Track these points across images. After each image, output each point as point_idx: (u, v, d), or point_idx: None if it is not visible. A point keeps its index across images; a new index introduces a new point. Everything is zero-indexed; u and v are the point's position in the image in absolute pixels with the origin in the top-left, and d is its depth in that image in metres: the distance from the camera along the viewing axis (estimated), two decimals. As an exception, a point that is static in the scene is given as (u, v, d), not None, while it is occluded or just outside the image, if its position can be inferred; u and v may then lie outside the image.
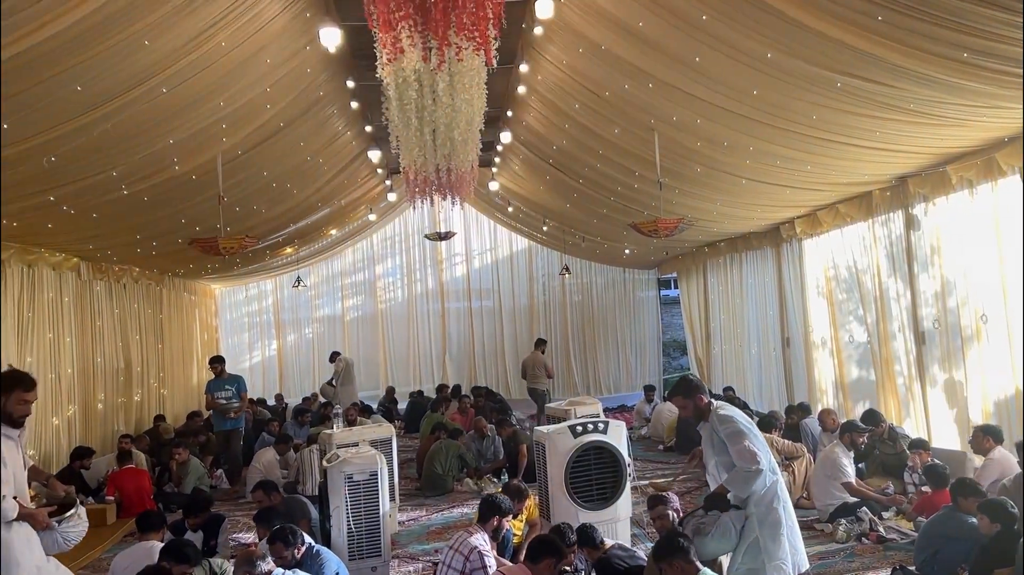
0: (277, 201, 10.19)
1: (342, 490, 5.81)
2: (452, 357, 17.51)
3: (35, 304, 8.79)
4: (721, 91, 6.30)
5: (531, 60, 7.94)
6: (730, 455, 4.13)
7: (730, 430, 4.15)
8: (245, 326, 17.46)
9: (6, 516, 3.61)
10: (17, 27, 4.13)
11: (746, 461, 4.05)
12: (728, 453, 4.15)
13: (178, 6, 4.92)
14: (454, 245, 17.14)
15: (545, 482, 6.19)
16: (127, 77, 5.28)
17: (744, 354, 12.53)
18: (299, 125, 8.33)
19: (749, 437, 4.12)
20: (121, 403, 10.97)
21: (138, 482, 8.22)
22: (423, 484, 9.11)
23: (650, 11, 5.67)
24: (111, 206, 7.50)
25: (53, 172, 6.04)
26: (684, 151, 7.85)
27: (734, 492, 4.12)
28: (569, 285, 17.42)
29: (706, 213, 10.00)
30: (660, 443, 11.31)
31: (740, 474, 4.07)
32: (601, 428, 6.12)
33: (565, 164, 10.33)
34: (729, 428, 4.16)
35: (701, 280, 14.34)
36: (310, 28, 6.51)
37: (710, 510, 4.18)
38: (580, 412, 7.95)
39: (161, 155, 6.79)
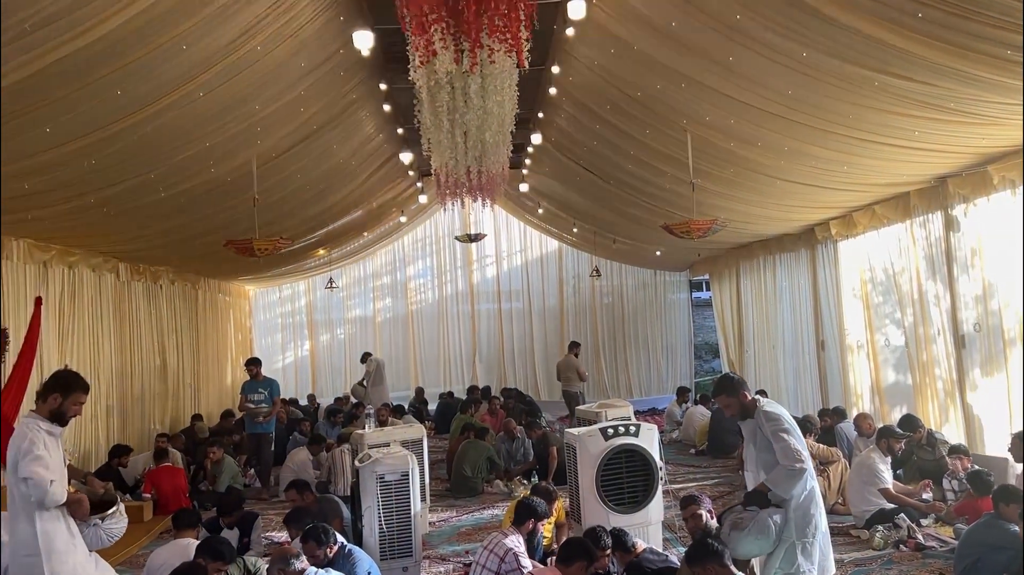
0: (310, 203, 10.30)
1: (374, 490, 5.84)
2: (482, 358, 17.55)
3: (75, 305, 8.99)
4: (755, 91, 6.22)
5: (562, 61, 7.93)
6: (773, 453, 4.08)
7: (776, 427, 4.10)
8: (278, 327, 17.67)
9: (56, 499, 3.71)
10: (59, 33, 4.23)
11: (790, 459, 4.00)
12: (771, 451, 4.10)
13: (215, 11, 5.00)
14: (484, 247, 17.18)
15: (576, 485, 6.18)
16: (166, 82, 5.38)
17: (778, 357, 12.37)
18: (332, 128, 8.41)
19: (795, 435, 4.08)
20: (157, 402, 11.17)
21: (174, 480, 8.35)
22: (453, 486, 9.14)
23: (683, 11, 5.62)
24: (149, 208, 7.64)
25: (94, 175, 6.18)
26: (717, 152, 7.77)
27: (776, 491, 4.06)
28: (599, 287, 17.35)
29: (739, 214, 9.89)
30: (692, 447, 11.21)
31: (783, 472, 4.02)
32: (632, 431, 6.09)
33: (596, 165, 10.30)
34: (776, 425, 4.11)
35: (734, 282, 14.19)
36: (344, 32, 6.56)
37: (749, 506, 4.14)
38: (611, 415, 7.93)
39: (198, 158, 6.90)
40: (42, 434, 3.77)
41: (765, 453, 4.17)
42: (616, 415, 7.87)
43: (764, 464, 4.19)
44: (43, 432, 3.79)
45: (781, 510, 4.09)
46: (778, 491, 4.07)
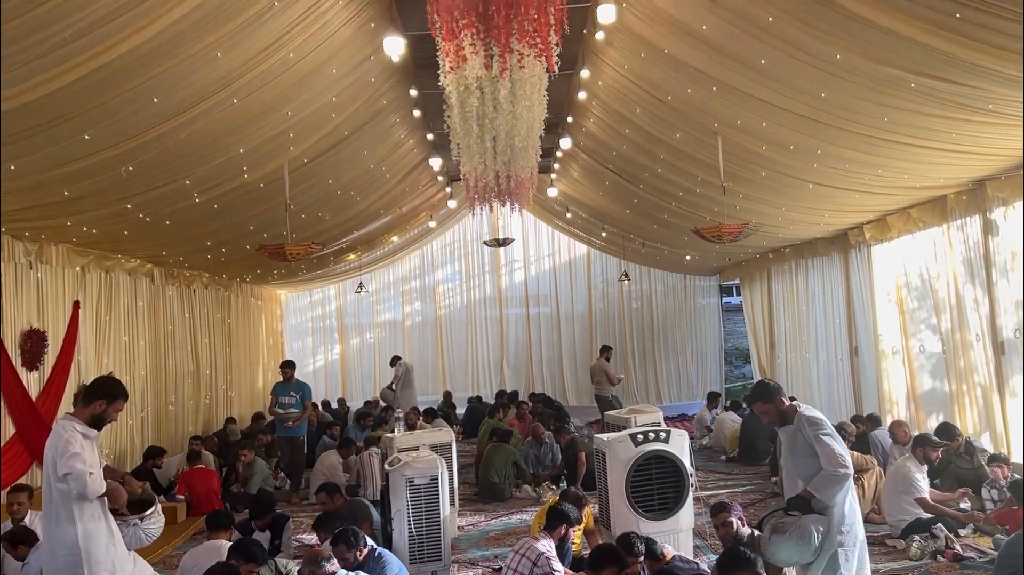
0: (341, 208, 10.39)
1: (403, 494, 5.86)
2: (510, 363, 17.55)
3: (112, 308, 9.16)
4: (787, 94, 6.16)
5: (592, 65, 7.92)
6: (814, 459, 4.02)
7: (819, 432, 4.04)
8: (309, 330, 17.83)
9: (96, 490, 3.80)
10: (98, 42, 4.33)
11: (834, 464, 3.95)
12: (812, 456, 4.04)
13: (249, 19, 5.07)
14: (512, 251, 17.19)
15: (605, 490, 6.14)
16: (200, 88, 5.47)
17: (810, 363, 12.20)
18: (363, 134, 8.48)
19: (837, 439, 4.03)
20: (191, 405, 11.32)
21: (207, 482, 8.45)
22: (481, 491, 9.12)
23: (714, 14, 5.59)
24: (183, 214, 7.77)
25: (131, 181, 6.30)
26: (748, 155, 7.71)
27: (820, 496, 4.00)
28: (628, 291, 17.27)
29: (771, 218, 9.79)
30: (722, 453, 11.10)
31: (827, 477, 3.96)
32: (663, 437, 6.04)
33: (625, 169, 10.26)
34: (818, 430, 4.05)
35: (765, 287, 14.04)
36: (374, 38, 6.62)
37: (791, 511, 4.08)
38: (640, 420, 7.87)
39: (231, 164, 7.00)
40: (78, 435, 3.85)
41: (806, 459, 4.11)
42: (646, 421, 7.81)
43: (805, 470, 4.12)
44: (78, 434, 3.87)
45: (823, 518, 4.03)
46: (821, 497, 4.01)
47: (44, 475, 3.91)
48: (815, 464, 4.04)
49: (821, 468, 4.01)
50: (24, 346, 7.46)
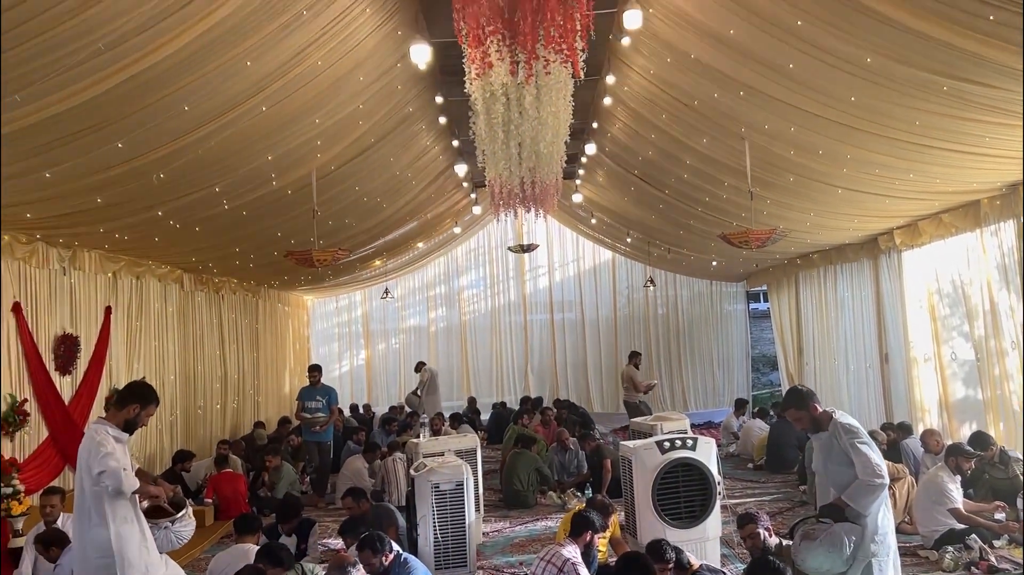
0: (368, 215, 10.46)
1: (429, 499, 5.88)
2: (534, 369, 17.52)
3: (143, 314, 9.30)
4: (816, 98, 6.10)
5: (618, 71, 7.90)
6: (850, 467, 3.96)
7: (856, 440, 3.99)
8: (335, 336, 17.95)
9: (132, 485, 3.88)
10: (131, 52, 4.40)
11: (869, 474, 3.88)
12: (847, 464, 3.98)
13: (278, 28, 5.13)
14: (537, 257, 17.18)
15: (631, 498, 6.10)
16: (230, 97, 5.54)
17: (839, 370, 12.04)
18: (389, 141, 8.53)
19: (874, 448, 3.97)
20: (219, 409, 11.45)
21: (235, 486, 8.54)
22: (505, 498, 9.10)
23: (742, 18, 5.55)
24: (213, 220, 7.87)
25: (162, 188, 6.39)
26: (776, 160, 7.64)
27: (855, 506, 3.94)
28: (654, 298, 17.17)
29: (799, 224, 9.68)
30: (749, 461, 10.98)
31: (863, 487, 3.90)
32: (689, 445, 6.00)
33: (651, 175, 10.22)
34: (854, 437, 4.00)
35: (793, 293, 13.88)
36: (401, 46, 6.67)
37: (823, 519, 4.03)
38: (667, 427, 7.83)
39: (260, 171, 7.08)
40: (110, 438, 3.92)
41: (841, 467, 4.04)
42: (672, 428, 7.77)
43: (839, 479, 4.06)
44: (111, 437, 3.93)
45: (855, 527, 3.96)
46: (856, 506, 3.95)
47: (77, 478, 3.98)
48: (850, 473, 3.98)
49: (856, 477, 3.95)
50: (57, 351, 7.60)
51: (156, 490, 4.03)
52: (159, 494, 4.04)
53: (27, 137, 4.78)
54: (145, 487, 3.98)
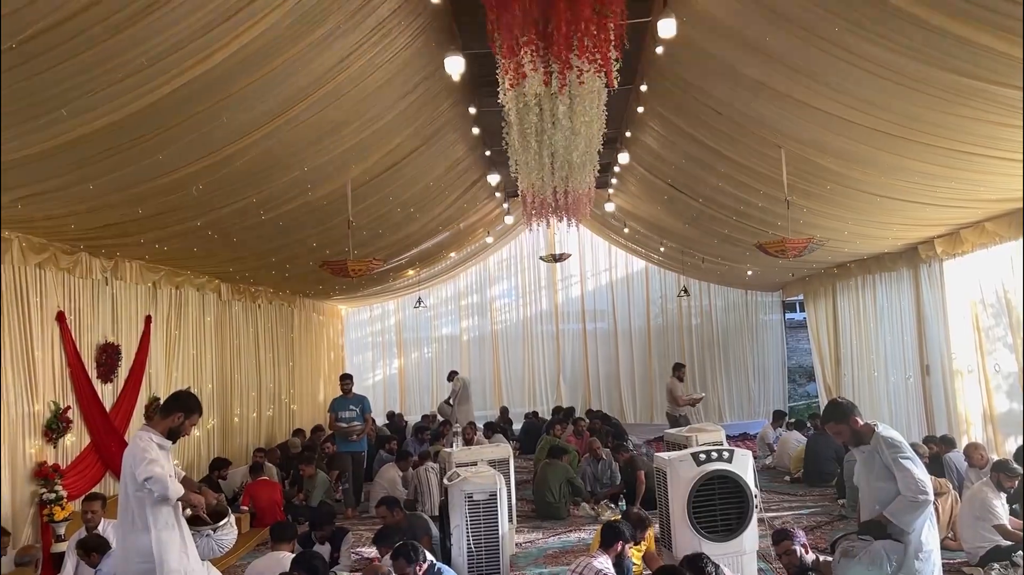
0: (401, 225, 10.53)
1: (462, 509, 5.88)
2: (566, 379, 17.46)
3: (181, 323, 9.45)
4: (854, 105, 6.01)
5: (651, 80, 7.87)
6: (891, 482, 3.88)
7: (897, 454, 3.90)
8: (369, 345, 18.09)
9: (176, 492, 3.96)
10: (172, 67, 4.49)
11: (913, 490, 3.79)
12: (889, 479, 3.89)
13: (315, 41, 5.20)
14: (569, 266, 17.16)
15: (666, 511, 6.03)
16: (268, 109, 5.63)
17: (878, 382, 11.81)
18: (423, 151, 8.60)
19: (918, 463, 3.87)
20: (254, 417, 11.58)
21: (271, 494, 8.62)
22: (537, 510, 9.04)
23: (778, 26, 5.50)
24: (250, 231, 7.99)
25: (201, 199, 6.51)
26: (813, 168, 7.54)
27: (897, 522, 3.84)
28: (687, 307, 17.03)
29: (836, 232, 9.53)
30: (786, 474, 10.80)
31: (906, 503, 3.81)
32: (726, 457, 5.91)
33: (684, 183, 10.15)
34: (897, 452, 3.91)
35: (830, 303, 13.67)
36: (436, 57, 6.72)
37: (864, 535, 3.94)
38: (702, 439, 7.73)
39: (297, 182, 7.17)
40: (153, 445, 4.00)
41: (883, 482, 3.95)
42: (707, 440, 7.66)
43: (882, 494, 3.97)
44: (154, 444, 4.01)
45: (897, 544, 3.87)
46: (899, 523, 3.85)
47: (121, 484, 4.06)
48: (892, 488, 3.89)
49: (899, 492, 3.86)
50: (99, 359, 7.75)
51: (197, 499, 4.09)
52: (198, 503, 4.09)
53: (72, 150, 4.90)
54: (188, 495, 4.04)
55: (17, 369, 6.54)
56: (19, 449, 6.50)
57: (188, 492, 4.06)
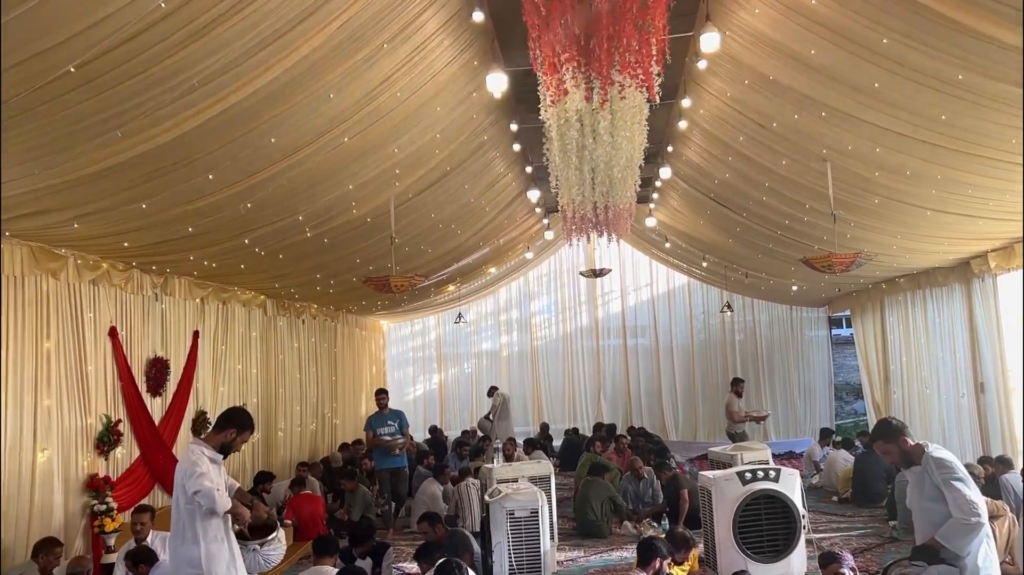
0: (442, 241, 10.60)
1: (504, 526, 5.86)
2: (607, 395, 17.32)
3: (228, 338, 9.62)
4: (903, 117, 5.90)
5: (693, 94, 7.83)
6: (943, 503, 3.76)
7: (948, 475, 3.78)
8: (409, 360, 18.18)
9: (224, 505, 4.03)
10: (222, 88, 4.61)
11: (965, 512, 3.67)
12: (940, 501, 3.77)
13: (359, 61, 5.30)
14: (609, 281, 17.06)
15: (711, 530, 5.94)
16: (314, 128, 5.74)
17: (930, 400, 11.48)
18: (464, 168, 8.66)
19: (970, 485, 3.75)
20: (298, 431, 11.71)
21: (313, 508, 8.68)
22: (579, 528, 8.95)
23: (824, 38, 5.43)
24: (295, 248, 8.12)
25: (248, 217, 6.64)
26: (860, 181, 7.40)
27: (950, 546, 3.72)
28: (731, 323, 16.79)
29: (885, 247, 9.33)
30: (834, 494, 10.54)
31: (957, 526, 3.69)
32: (772, 476, 5.81)
33: (727, 198, 10.04)
34: (947, 473, 3.79)
35: (878, 319, 13.35)
36: (477, 75, 6.78)
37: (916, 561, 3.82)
38: (747, 458, 7.61)
39: (341, 200, 7.28)
40: (205, 459, 4.08)
41: (935, 503, 3.83)
42: (753, 458, 7.55)
43: (934, 516, 3.84)
44: (206, 458, 4.08)
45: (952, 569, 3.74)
46: (951, 547, 3.72)
47: (173, 496, 4.14)
48: (945, 510, 3.76)
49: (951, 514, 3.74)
50: (149, 373, 7.92)
51: (244, 513, 4.14)
52: (244, 517, 4.14)
53: (126, 170, 5.04)
54: (236, 508, 4.10)
55: (71, 383, 6.71)
56: (72, 461, 6.66)
57: (236, 505, 4.11)
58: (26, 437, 6.13)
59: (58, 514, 6.40)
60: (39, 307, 6.37)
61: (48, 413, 6.39)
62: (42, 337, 6.38)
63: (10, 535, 5.89)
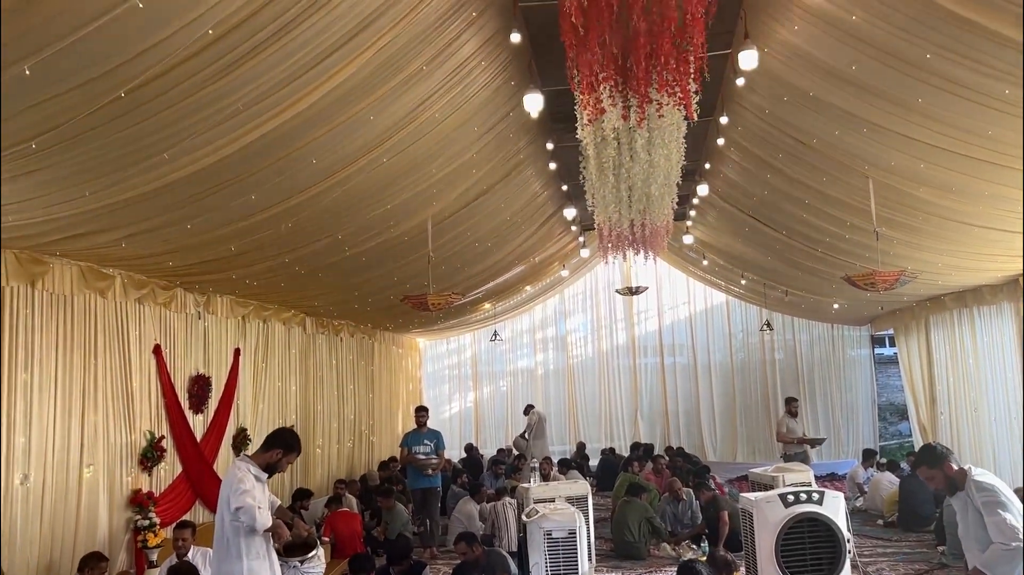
0: (478, 259, 10.65)
1: (541, 546, 5.81)
2: (644, 415, 17.14)
3: (268, 356, 9.75)
4: (949, 133, 5.79)
5: (731, 111, 7.79)
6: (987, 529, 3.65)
7: (987, 499, 3.68)
8: (445, 378, 18.23)
9: (263, 523, 4.06)
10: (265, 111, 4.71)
11: (1007, 536, 3.56)
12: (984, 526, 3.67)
13: (399, 83, 5.37)
14: (646, 299, 16.94)
15: (753, 554, 5.81)
16: (354, 150, 5.82)
17: (981, 422, 11.15)
18: (501, 187, 8.71)
19: (1011, 509, 3.63)
20: (336, 449, 11.79)
21: (351, 525, 8.70)
22: (616, 549, 8.82)
23: (865, 54, 5.37)
24: (335, 267, 8.22)
25: (290, 237, 6.75)
26: (903, 198, 7.28)
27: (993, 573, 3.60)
28: (770, 342, 16.54)
29: (929, 265, 9.14)
30: (879, 517, 10.27)
31: (999, 552, 3.58)
32: (815, 498, 5.67)
33: (766, 215, 9.94)
34: (987, 496, 3.69)
35: (923, 338, 13.04)
36: (514, 95, 6.83)
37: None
38: (788, 479, 7.45)
39: (380, 219, 7.36)
40: (250, 476, 4.13)
41: (980, 530, 3.73)
42: (794, 480, 7.39)
43: (981, 543, 3.74)
44: (251, 475, 4.13)
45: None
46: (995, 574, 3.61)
47: (218, 512, 4.20)
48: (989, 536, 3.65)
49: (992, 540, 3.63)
50: (192, 390, 8.06)
51: (283, 532, 4.16)
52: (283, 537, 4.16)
53: (173, 192, 5.16)
54: (276, 526, 4.13)
55: (117, 399, 6.86)
56: (117, 477, 6.78)
57: (278, 524, 4.15)
58: (73, 453, 6.27)
59: (103, 529, 6.51)
60: (87, 325, 6.53)
61: (95, 429, 6.52)
62: (90, 354, 6.53)
63: (56, 549, 6.00)
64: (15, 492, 5.65)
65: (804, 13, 5.54)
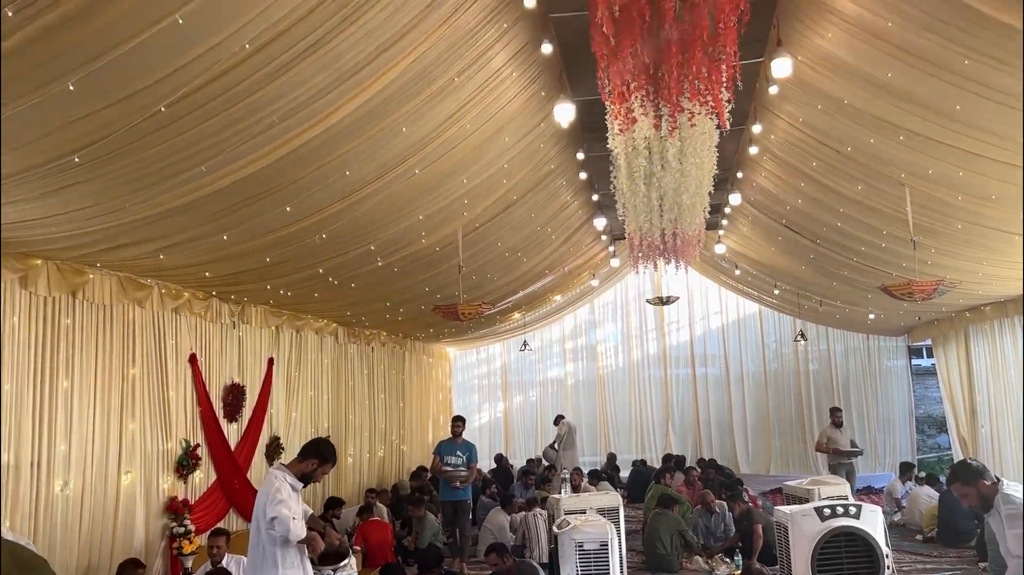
0: (509, 269, 10.67)
1: (573, 558, 5.79)
2: (675, 426, 16.99)
3: (300, 365, 9.85)
4: (987, 140, 5.68)
5: (764, 119, 7.73)
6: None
7: (1012, 511, 3.60)
8: (475, 388, 18.25)
9: (297, 534, 4.09)
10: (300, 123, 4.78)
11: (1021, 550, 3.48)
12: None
13: (431, 95, 5.42)
14: (677, 309, 16.82)
15: (788, 568, 5.74)
16: (386, 161, 5.88)
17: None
18: (531, 197, 8.73)
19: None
20: (367, 457, 11.85)
21: (382, 534, 8.72)
22: (647, 562, 8.72)
23: (901, 60, 5.30)
24: (367, 277, 8.29)
25: (323, 247, 6.82)
26: (941, 206, 7.15)
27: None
28: (804, 352, 16.31)
29: (968, 274, 8.95)
30: (918, 532, 10.04)
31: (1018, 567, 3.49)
32: (853, 512, 5.59)
33: (800, 224, 9.83)
34: (1012, 509, 3.61)
35: (962, 348, 12.76)
36: (545, 106, 6.85)
37: None
38: (824, 492, 7.34)
39: (411, 230, 7.41)
40: (286, 485, 4.17)
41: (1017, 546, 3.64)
42: (830, 493, 7.28)
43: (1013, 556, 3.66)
44: (287, 484, 4.17)
45: None
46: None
47: (254, 520, 4.25)
48: None
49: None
50: (226, 399, 8.16)
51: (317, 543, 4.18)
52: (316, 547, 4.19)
53: (209, 203, 5.25)
54: (310, 536, 4.16)
55: (153, 408, 6.97)
56: (153, 484, 6.89)
57: (312, 536, 4.17)
58: (111, 460, 6.38)
59: (139, 535, 6.61)
60: (126, 335, 6.65)
61: (132, 437, 6.64)
62: (128, 363, 6.66)
63: (95, 555, 6.11)
64: (55, 499, 5.76)
65: (838, 20, 5.48)
